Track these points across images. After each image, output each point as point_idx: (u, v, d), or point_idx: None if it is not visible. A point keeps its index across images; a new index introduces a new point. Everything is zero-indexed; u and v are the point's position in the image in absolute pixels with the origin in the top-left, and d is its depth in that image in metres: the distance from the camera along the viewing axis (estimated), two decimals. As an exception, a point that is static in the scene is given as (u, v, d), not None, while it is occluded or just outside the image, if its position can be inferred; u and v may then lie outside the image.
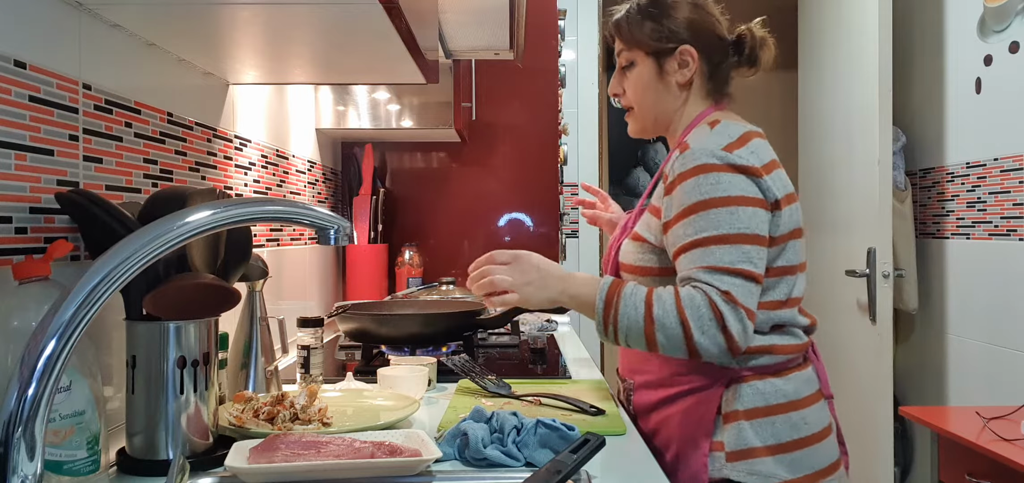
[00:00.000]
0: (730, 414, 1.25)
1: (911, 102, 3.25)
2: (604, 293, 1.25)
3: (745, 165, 1.23)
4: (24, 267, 0.88)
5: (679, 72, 1.36)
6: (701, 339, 1.17)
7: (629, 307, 1.22)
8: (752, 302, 1.20)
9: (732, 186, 1.21)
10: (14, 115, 0.95)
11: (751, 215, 1.21)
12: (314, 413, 1.18)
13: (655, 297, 1.21)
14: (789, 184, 1.30)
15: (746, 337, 1.19)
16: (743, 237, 1.20)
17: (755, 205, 1.22)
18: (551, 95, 2.82)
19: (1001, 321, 2.70)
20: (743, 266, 1.19)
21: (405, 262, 2.66)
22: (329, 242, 0.78)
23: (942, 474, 2.22)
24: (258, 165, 1.82)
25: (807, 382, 1.31)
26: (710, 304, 1.17)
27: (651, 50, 1.37)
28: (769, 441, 1.24)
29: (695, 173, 1.22)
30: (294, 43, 1.33)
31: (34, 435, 0.65)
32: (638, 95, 1.39)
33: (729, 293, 1.18)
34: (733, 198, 1.21)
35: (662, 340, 1.20)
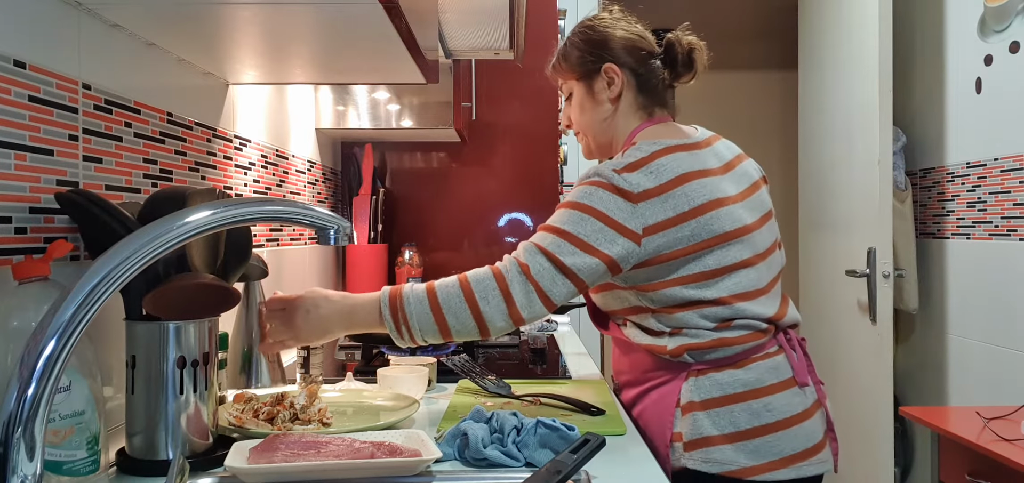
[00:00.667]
0: (687, 405, 1.31)
1: (911, 102, 3.25)
2: (387, 299, 1.29)
3: (624, 189, 1.28)
4: (24, 267, 0.88)
5: (607, 89, 1.44)
6: (486, 309, 1.25)
7: (412, 303, 1.27)
8: (552, 288, 1.27)
9: (600, 202, 1.28)
10: (14, 115, 0.95)
11: (598, 231, 1.27)
12: (314, 413, 1.18)
13: (437, 285, 1.28)
14: (705, 196, 1.31)
15: (531, 310, 1.26)
16: (576, 239, 1.27)
17: (612, 227, 1.27)
18: (551, 95, 2.82)
19: (1001, 321, 2.70)
20: (557, 254, 1.26)
21: (405, 262, 2.66)
22: (329, 242, 0.78)
23: (942, 474, 2.22)
24: (258, 165, 1.82)
25: (772, 370, 1.33)
26: (495, 273, 1.27)
27: (580, 74, 1.46)
28: (727, 429, 1.29)
29: (584, 181, 1.32)
30: (294, 43, 1.33)
31: (34, 435, 0.65)
32: (578, 118, 1.49)
33: (526, 266, 1.26)
34: (593, 209, 1.28)
35: (453, 323, 1.26)
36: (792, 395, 1.34)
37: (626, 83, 1.44)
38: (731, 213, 1.33)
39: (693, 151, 1.36)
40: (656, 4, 1.56)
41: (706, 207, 1.31)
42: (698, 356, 1.32)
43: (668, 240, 1.29)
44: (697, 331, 1.32)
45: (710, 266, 1.31)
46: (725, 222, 1.32)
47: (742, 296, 1.33)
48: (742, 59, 4.51)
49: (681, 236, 1.29)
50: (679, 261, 1.30)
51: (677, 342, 1.32)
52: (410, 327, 1.27)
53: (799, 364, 1.38)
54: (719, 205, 1.32)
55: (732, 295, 1.32)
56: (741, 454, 1.28)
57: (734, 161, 1.44)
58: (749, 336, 1.33)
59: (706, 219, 1.30)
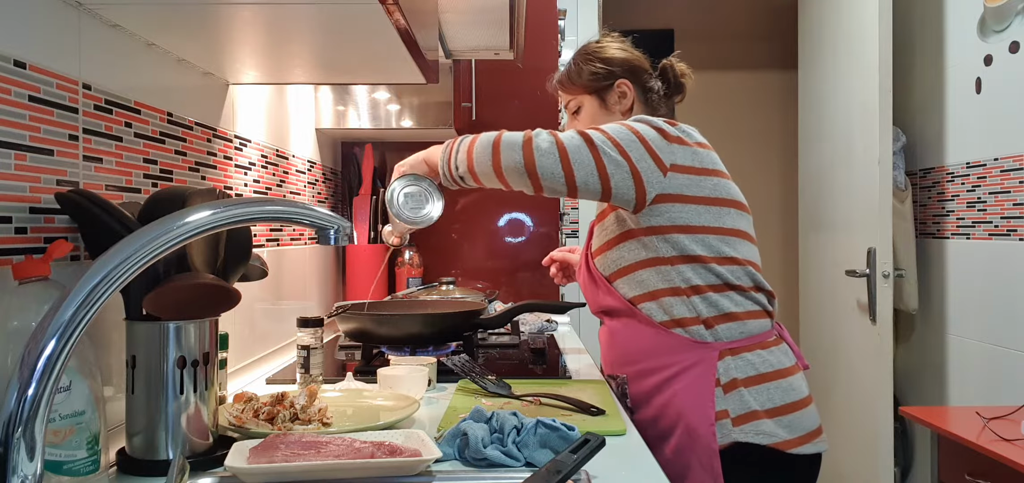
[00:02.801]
0: (730, 383, 1.39)
1: (911, 102, 3.25)
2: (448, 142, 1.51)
3: (661, 126, 1.45)
4: (24, 267, 0.88)
5: (620, 102, 1.61)
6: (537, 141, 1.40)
7: (474, 140, 1.45)
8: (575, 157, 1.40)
9: (641, 128, 1.43)
10: (14, 115, 0.95)
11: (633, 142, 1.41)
12: (314, 413, 1.18)
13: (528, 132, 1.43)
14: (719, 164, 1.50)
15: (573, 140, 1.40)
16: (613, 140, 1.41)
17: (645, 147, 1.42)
18: (551, 95, 2.81)
19: (1001, 321, 2.70)
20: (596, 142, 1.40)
21: (405, 262, 2.66)
22: (329, 242, 0.78)
23: (942, 474, 2.22)
24: (258, 165, 1.82)
25: (786, 354, 1.47)
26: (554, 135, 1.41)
27: (593, 90, 1.62)
28: (767, 405, 1.39)
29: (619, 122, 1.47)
30: (294, 43, 1.33)
31: (34, 435, 0.65)
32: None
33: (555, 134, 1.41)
34: (632, 128, 1.43)
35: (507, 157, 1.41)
36: (801, 378, 1.47)
37: (635, 98, 1.62)
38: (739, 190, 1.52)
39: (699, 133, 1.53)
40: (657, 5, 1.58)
41: (723, 174, 1.49)
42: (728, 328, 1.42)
43: (690, 183, 1.43)
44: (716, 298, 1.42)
45: (729, 225, 1.45)
46: (735, 193, 1.49)
47: (754, 264, 1.47)
48: (742, 59, 4.51)
49: (704, 186, 1.44)
50: (702, 208, 1.43)
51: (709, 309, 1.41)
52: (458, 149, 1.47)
53: (797, 350, 1.52)
54: (727, 177, 1.50)
55: (748, 260, 1.45)
56: (780, 428, 1.38)
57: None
58: (758, 312, 1.45)
59: (725, 183, 1.48)
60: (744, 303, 1.44)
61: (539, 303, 1.95)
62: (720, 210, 1.45)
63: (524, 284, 2.79)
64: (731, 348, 1.41)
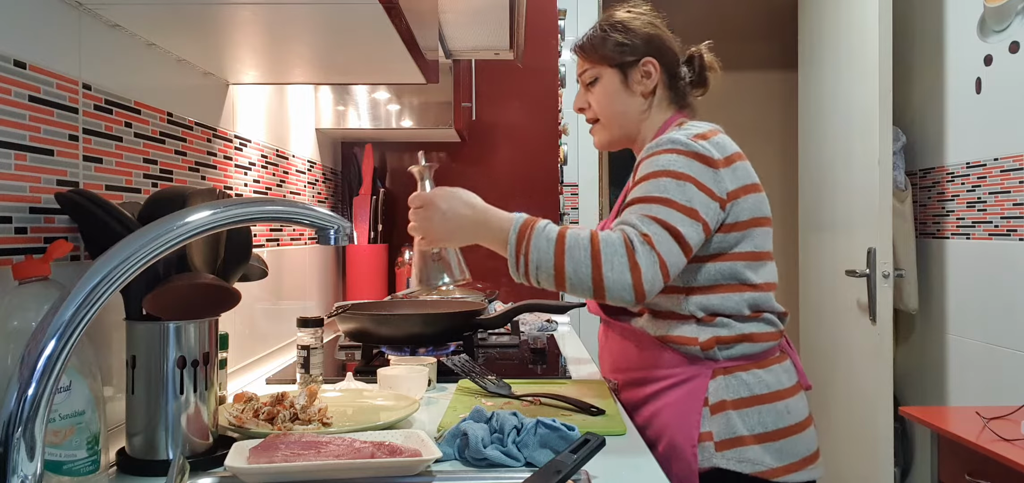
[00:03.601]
0: (718, 404, 1.31)
1: (911, 102, 3.25)
2: (517, 226, 1.27)
3: (706, 154, 1.31)
4: (24, 267, 0.88)
5: (643, 82, 1.47)
6: (609, 273, 1.21)
7: (541, 239, 1.25)
8: (671, 259, 1.23)
9: (689, 168, 1.29)
10: (14, 115, 0.95)
11: (698, 196, 1.27)
12: (314, 413, 1.18)
13: (568, 231, 1.25)
14: (753, 175, 1.38)
15: (654, 283, 1.22)
16: (684, 208, 1.26)
17: (705, 192, 1.29)
18: (551, 95, 2.82)
19: (1001, 321, 2.70)
20: (675, 225, 1.24)
21: (405, 262, 2.66)
22: (329, 242, 0.78)
23: (942, 474, 2.22)
24: (258, 165, 1.82)
25: (787, 373, 1.37)
26: (625, 241, 1.22)
27: (615, 63, 1.47)
28: (756, 430, 1.31)
29: (659, 151, 1.32)
30: (294, 43, 1.33)
31: (34, 435, 0.65)
32: (604, 106, 1.49)
33: (648, 236, 1.23)
34: (686, 176, 1.28)
35: (570, 271, 1.22)
36: (801, 399, 1.38)
37: (660, 81, 1.48)
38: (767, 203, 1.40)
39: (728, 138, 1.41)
40: (656, 4, 1.57)
41: (757, 186, 1.38)
42: (724, 350, 1.33)
43: (739, 209, 1.33)
44: (727, 321, 1.33)
45: (757, 246, 1.35)
46: (765, 207, 1.38)
47: (770, 286, 1.37)
48: (742, 59, 4.51)
49: (744, 207, 1.33)
50: (739, 235, 1.33)
51: (709, 333, 1.33)
52: (528, 261, 1.26)
53: (801, 367, 1.43)
54: (761, 190, 1.39)
55: (766, 283, 1.36)
56: (768, 455, 1.30)
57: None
58: (769, 334, 1.36)
59: (759, 198, 1.37)
60: (750, 326, 1.34)
61: (539, 303, 1.95)
62: (752, 233, 1.34)
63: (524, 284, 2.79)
64: (725, 367, 1.33)
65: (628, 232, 1.24)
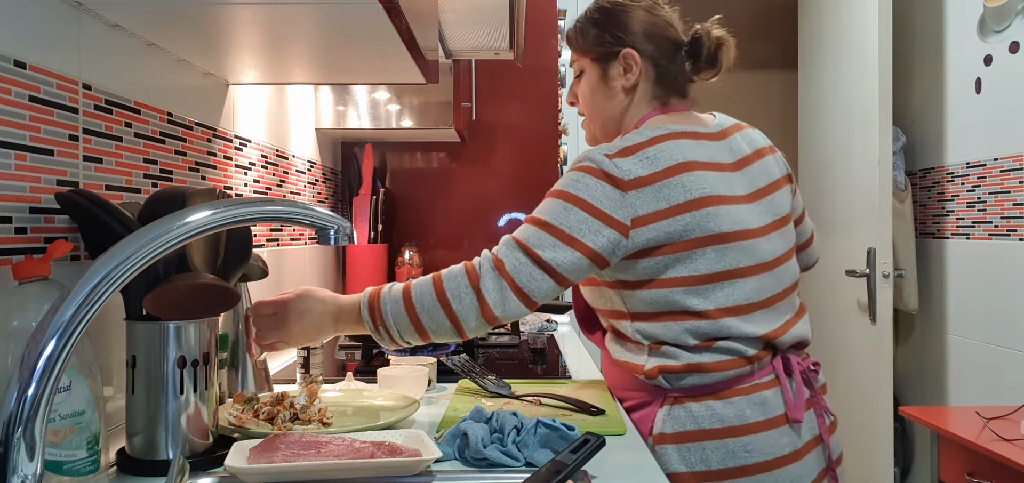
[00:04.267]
0: (658, 436, 1.24)
1: (911, 102, 3.25)
2: (366, 301, 1.24)
3: (614, 175, 1.20)
4: (24, 267, 0.88)
5: (623, 76, 1.35)
6: (458, 307, 1.18)
7: (388, 302, 1.21)
8: (529, 285, 1.19)
9: (586, 189, 1.21)
10: (14, 115, 0.95)
11: (583, 221, 1.19)
12: (314, 413, 1.18)
13: (413, 284, 1.21)
14: (714, 188, 1.23)
15: (505, 308, 1.18)
16: (558, 231, 1.19)
17: (598, 217, 1.19)
18: (551, 95, 2.82)
19: (1001, 321, 2.70)
20: (535, 248, 1.19)
21: (405, 262, 2.66)
22: (329, 242, 0.78)
23: (942, 474, 2.22)
24: (258, 165, 1.82)
25: (758, 405, 1.22)
26: (467, 271, 1.20)
27: (596, 56, 1.37)
28: (697, 467, 1.20)
29: (574, 166, 1.25)
30: (294, 43, 1.33)
31: (34, 435, 0.65)
32: (586, 101, 1.40)
33: (500, 261, 1.19)
34: (577, 199, 1.20)
35: (427, 322, 1.19)
36: (780, 435, 1.22)
37: (644, 73, 1.34)
38: (732, 214, 1.23)
39: (701, 141, 1.28)
40: (656, 4, 1.55)
41: (703, 202, 1.21)
42: (673, 380, 1.23)
43: (658, 233, 1.20)
44: (674, 351, 1.23)
45: (701, 270, 1.22)
46: (723, 222, 1.22)
47: (732, 310, 1.23)
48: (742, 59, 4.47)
49: (673, 230, 1.20)
50: (670, 259, 1.21)
51: (654, 362, 1.24)
52: (388, 328, 1.22)
53: (795, 398, 1.25)
54: (719, 203, 1.23)
55: (719, 309, 1.22)
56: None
57: (751, 157, 1.34)
58: (729, 363, 1.22)
59: (702, 215, 1.21)
60: (699, 356, 1.22)
61: (539, 303, 1.95)
62: (694, 255, 1.21)
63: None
64: (675, 397, 1.24)
65: (478, 260, 1.22)
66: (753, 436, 1.21)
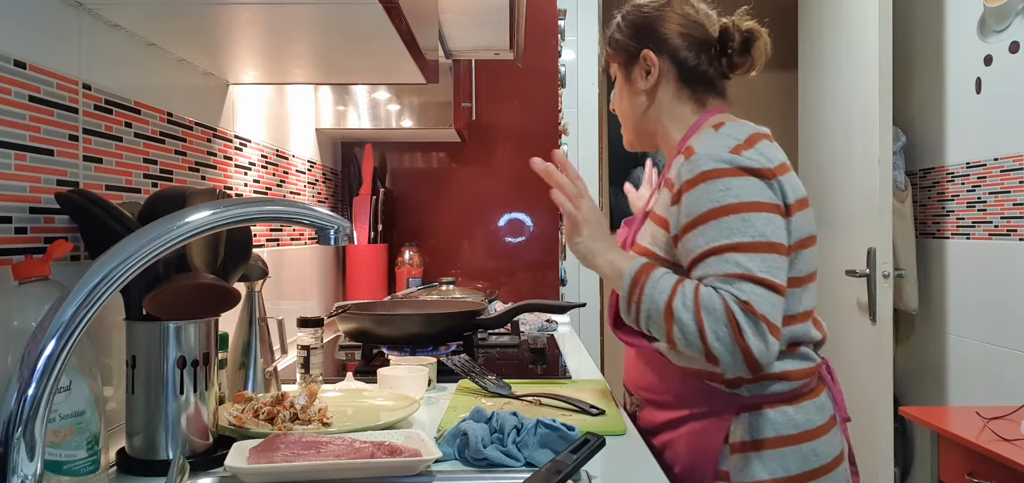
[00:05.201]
0: (737, 445, 1.20)
1: (911, 102, 3.25)
2: (633, 272, 1.18)
3: (755, 167, 1.16)
4: (24, 267, 0.88)
5: (644, 79, 1.34)
6: (715, 344, 1.10)
7: (655, 291, 1.15)
8: (775, 316, 1.11)
9: (743, 191, 1.14)
10: (14, 115, 0.95)
11: (765, 221, 1.13)
12: (314, 413, 1.18)
13: (678, 289, 1.14)
14: (801, 188, 1.23)
15: (768, 353, 1.10)
16: (759, 245, 1.12)
17: (768, 210, 1.14)
18: (551, 95, 2.82)
19: (1001, 321, 2.70)
20: (764, 275, 1.11)
21: (405, 262, 2.66)
22: (329, 242, 0.78)
23: (942, 474, 2.22)
24: (258, 165, 1.82)
25: (820, 410, 1.24)
26: (726, 310, 1.09)
27: (621, 60, 1.37)
28: (778, 474, 1.19)
29: (702, 180, 1.16)
30: (294, 43, 1.33)
31: (34, 435, 0.65)
32: (617, 106, 1.40)
33: (748, 303, 1.09)
34: (745, 204, 1.14)
35: (679, 336, 1.13)
36: (834, 436, 1.25)
37: (665, 73, 1.32)
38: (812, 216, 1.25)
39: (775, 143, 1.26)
40: (655, 3, 1.55)
41: (803, 203, 1.22)
42: (757, 389, 1.21)
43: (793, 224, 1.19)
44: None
45: (800, 272, 1.21)
46: (811, 224, 1.24)
47: (808, 315, 1.24)
48: (742, 59, 4.50)
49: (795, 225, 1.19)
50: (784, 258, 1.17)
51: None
52: (640, 311, 1.17)
53: (840, 397, 1.30)
54: (807, 205, 1.23)
55: (804, 312, 1.23)
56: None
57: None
58: (806, 371, 1.23)
59: (807, 214, 1.22)
60: (784, 363, 1.21)
61: (539, 303, 1.95)
62: (799, 255, 1.21)
63: (524, 284, 2.80)
64: (752, 404, 1.20)
65: (727, 299, 1.10)
66: (820, 440, 1.22)
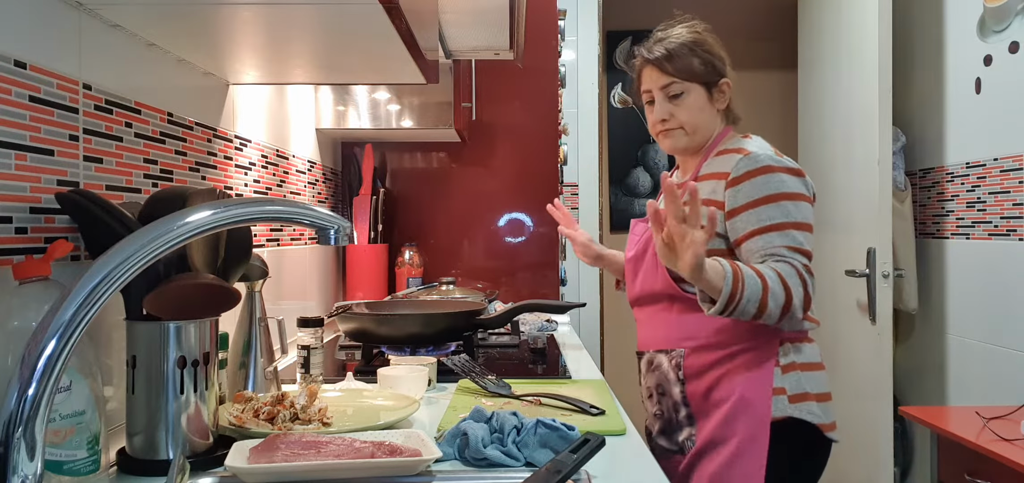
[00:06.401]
0: (788, 366, 1.54)
1: (911, 102, 3.25)
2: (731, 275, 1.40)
3: (793, 167, 1.55)
4: (24, 267, 0.88)
5: (720, 99, 1.66)
6: (796, 302, 1.44)
7: (752, 286, 1.41)
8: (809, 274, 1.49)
9: (792, 184, 1.52)
10: (14, 115, 0.95)
11: (807, 210, 1.53)
12: (314, 413, 1.18)
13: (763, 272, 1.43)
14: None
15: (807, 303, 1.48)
16: (804, 226, 1.51)
17: (807, 200, 1.53)
18: (551, 95, 2.82)
19: (1001, 321, 2.70)
20: (808, 248, 1.51)
21: (405, 262, 2.66)
22: (329, 242, 0.78)
23: (942, 474, 2.22)
24: (258, 165, 1.82)
25: (818, 351, 1.61)
26: (798, 274, 1.46)
27: (703, 81, 1.64)
28: (815, 390, 1.55)
29: (762, 172, 1.52)
30: (294, 43, 1.33)
31: (34, 435, 0.65)
32: (693, 118, 1.63)
33: (808, 267, 1.49)
34: (795, 194, 1.52)
35: (772, 307, 1.42)
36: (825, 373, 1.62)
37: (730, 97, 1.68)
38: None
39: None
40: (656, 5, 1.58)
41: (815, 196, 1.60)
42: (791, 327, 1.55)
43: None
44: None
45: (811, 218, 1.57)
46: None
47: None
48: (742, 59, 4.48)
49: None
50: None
51: None
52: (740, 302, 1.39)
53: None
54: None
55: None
56: (822, 412, 1.54)
57: None
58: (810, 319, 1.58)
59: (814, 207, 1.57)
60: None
61: (539, 303, 1.95)
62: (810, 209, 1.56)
63: (524, 284, 2.80)
64: (789, 338, 1.55)
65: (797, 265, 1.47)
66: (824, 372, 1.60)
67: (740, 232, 1.52)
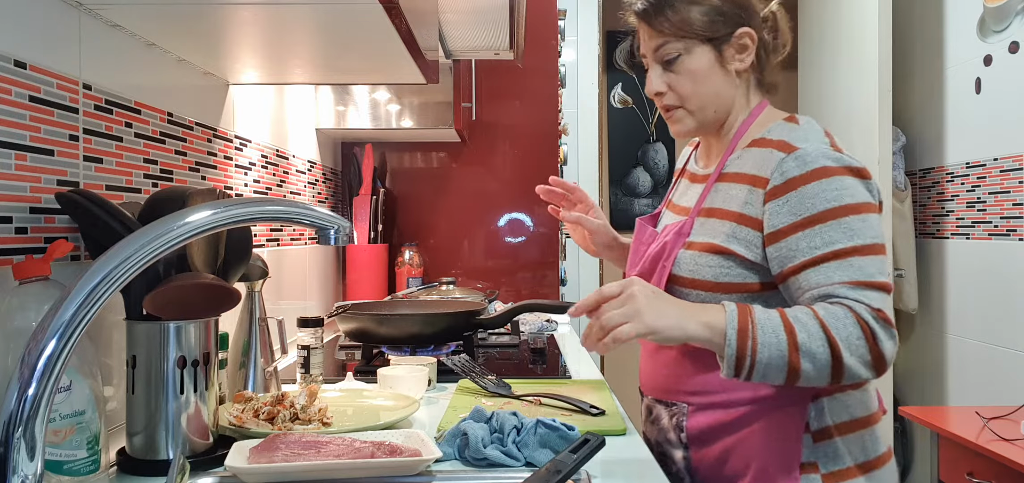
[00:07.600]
0: (821, 431, 1.13)
1: (911, 102, 3.25)
2: (735, 321, 1.05)
3: (858, 167, 1.11)
4: (24, 267, 0.88)
5: (737, 58, 1.21)
6: (850, 360, 1.03)
7: (768, 335, 1.04)
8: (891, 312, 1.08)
9: (856, 192, 1.09)
10: (14, 115, 0.95)
11: (877, 222, 1.10)
12: (314, 413, 1.18)
13: (793, 321, 1.05)
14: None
15: (894, 351, 1.06)
16: (877, 247, 1.08)
17: (875, 212, 1.11)
18: (551, 95, 2.82)
19: (1001, 321, 2.70)
20: (884, 279, 1.07)
21: (405, 262, 2.66)
22: (329, 242, 0.78)
23: (942, 474, 2.22)
24: (258, 165, 1.82)
25: (872, 396, 1.20)
26: (858, 321, 1.04)
27: (706, 36, 1.20)
28: (859, 458, 1.14)
29: (815, 177, 1.09)
30: (294, 43, 1.33)
31: (34, 435, 0.65)
32: (694, 88, 1.21)
33: (881, 311, 1.05)
34: (862, 205, 1.09)
35: (808, 369, 1.04)
36: (884, 423, 1.22)
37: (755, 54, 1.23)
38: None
39: None
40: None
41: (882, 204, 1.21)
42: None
43: None
44: None
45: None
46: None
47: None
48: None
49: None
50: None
51: None
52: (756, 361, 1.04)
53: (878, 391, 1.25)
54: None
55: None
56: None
57: None
58: None
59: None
60: None
61: (539, 303, 1.95)
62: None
63: (524, 284, 2.80)
64: (826, 390, 1.13)
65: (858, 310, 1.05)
66: (878, 425, 1.19)
67: (786, 264, 1.10)
